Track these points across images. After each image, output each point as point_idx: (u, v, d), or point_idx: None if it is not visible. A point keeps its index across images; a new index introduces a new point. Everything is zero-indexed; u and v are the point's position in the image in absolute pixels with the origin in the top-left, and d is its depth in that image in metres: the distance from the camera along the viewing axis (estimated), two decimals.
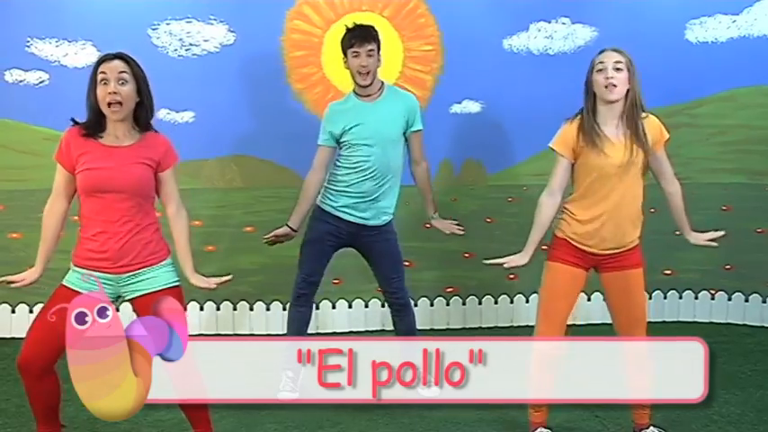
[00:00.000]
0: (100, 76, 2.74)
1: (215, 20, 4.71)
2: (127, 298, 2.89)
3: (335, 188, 3.77)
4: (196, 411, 3.05)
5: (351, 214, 3.75)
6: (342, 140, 3.72)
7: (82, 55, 4.63)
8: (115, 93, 2.73)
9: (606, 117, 3.05)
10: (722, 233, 3.27)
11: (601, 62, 3.03)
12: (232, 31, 4.72)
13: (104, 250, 2.79)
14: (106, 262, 2.80)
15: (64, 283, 2.85)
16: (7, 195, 4.75)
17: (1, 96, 4.65)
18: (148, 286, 2.85)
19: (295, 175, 4.73)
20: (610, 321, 3.28)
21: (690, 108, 5.01)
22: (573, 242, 3.11)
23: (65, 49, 4.64)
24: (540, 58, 4.92)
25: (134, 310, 2.90)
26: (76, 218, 2.90)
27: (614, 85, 2.98)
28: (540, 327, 3.15)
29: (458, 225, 3.96)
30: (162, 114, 4.61)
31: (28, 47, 4.63)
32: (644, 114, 3.06)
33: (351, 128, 3.68)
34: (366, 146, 3.68)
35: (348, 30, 3.72)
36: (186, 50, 4.72)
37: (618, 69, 2.99)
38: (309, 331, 3.97)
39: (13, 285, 2.95)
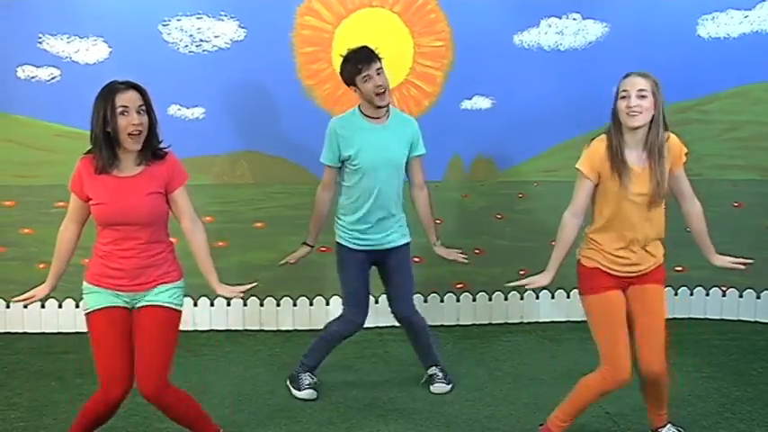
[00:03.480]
0: (120, 108, 2.73)
1: (225, 16, 4.71)
2: (136, 307, 2.93)
3: (347, 219, 3.74)
4: (191, 424, 3.07)
5: (368, 243, 3.73)
6: (350, 163, 3.66)
7: (93, 51, 4.65)
8: (139, 123, 2.75)
9: (630, 143, 3.00)
10: (751, 261, 3.19)
11: (624, 90, 2.96)
12: (243, 27, 4.72)
13: (122, 269, 2.84)
14: (123, 280, 2.86)
15: (90, 309, 2.89)
16: (19, 191, 4.78)
17: (13, 92, 4.66)
18: (154, 299, 2.89)
19: (305, 171, 4.75)
20: None
21: (701, 104, 4.99)
22: (605, 269, 3.08)
23: (76, 45, 4.65)
24: (551, 53, 4.90)
25: (132, 320, 2.92)
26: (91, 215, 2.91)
27: (638, 113, 2.92)
28: (615, 360, 3.00)
29: (462, 254, 3.90)
30: (173, 110, 4.63)
31: (40, 43, 4.64)
32: (666, 135, 3.01)
33: (363, 153, 3.63)
34: (375, 171, 3.64)
35: (346, 58, 3.62)
36: (197, 46, 4.72)
37: (642, 97, 2.93)
38: (316, 327, 3.98)
39: (27, 303, 3.05)
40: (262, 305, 4.99)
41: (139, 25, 4.64)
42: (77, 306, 4.68)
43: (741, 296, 5.15)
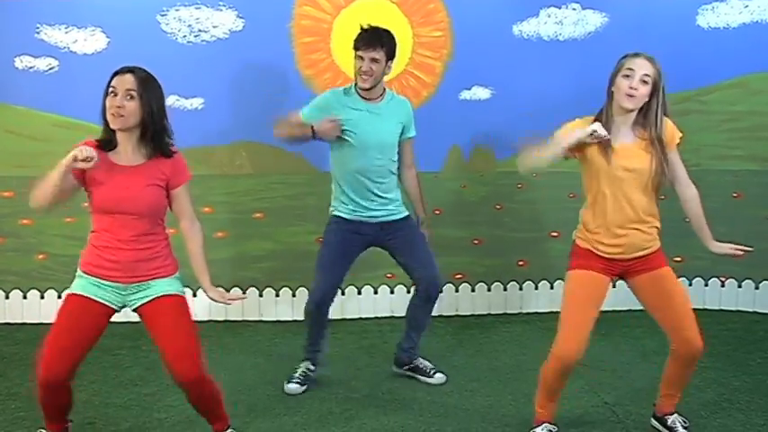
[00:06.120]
0: (110, 89, 2.75)
1: (224, 6, 4.70)
2: (132, 307, 2.91)
3: (341, 196, 3.76)
4: (211, 409, 3.06)
5: (363, 215, 3.73)
6: (340, 137, 3.68)
7: (91, 41, 4.64)
8: (119, 107, 2.72)
9: (620, 122, 2.99)
10: (750, 249, 3.15)
11: (630, 68, 2.92)
12: (241, 18, 4.71)
13: (116, 260, 2.82)
14: (117, 272, 2.83)
15: (72, 291, 2.86)
16: (17, 182, 4.76)
17: (11, 83, 4.66)
18: (152, 293, 2.87)
19: (304, 162, 4.74)
20: (635, 308, 3.21)
21: (701, 94, 4.98)
22: (596, 251, 3.06)
23: (74, 35, 4.64)
24: (551, 44, 4.90)
25: (141, 318, 2.92)
26: (86, 204, 2.90)
27: (634, 97, 2.90)
28: (565, 335, 3.02)
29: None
30: (171, 101, 4.61)
31: (38, 33, 4.63)
32: None
33: (353, 130, 3.63)
34: (365, 150, 3.65)
35: (362, 29, 3.66)
36: (195, 37, 4.71)
37: (644, 82, 2.90)
38: None
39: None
40: (261, 296, 4.99)
41: (138, 15, 4.63)
42: None
43: (740, 286, 5.16)
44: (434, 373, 3.94)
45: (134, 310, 2.92)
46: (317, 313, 3.81)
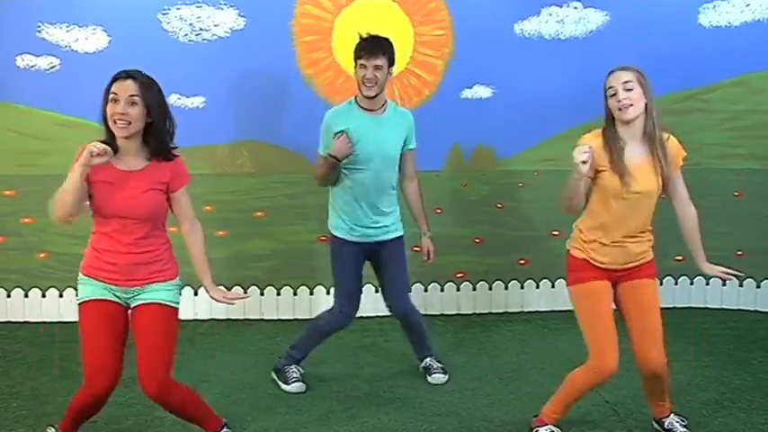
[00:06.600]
0: (111, 95, 2.74)
1: (225, 5, 4.70)
2: (131, 306, 2.92)
3: (341, 210, 3.73)
4: (191, 417, 3.09)
5: (362, 234, 3.71)
6: None
7: (92, 40, 4.64)
8: (123, 113, 2.72)
9: (627, 138, 2.98)
10: (741, 274, 3.18)
11: (610, 87, 2.95)
12: (242, 16, 4.71)
13: (115, 263, 2.82)
14: (117, 275, 2.83)
15: (85, 299, 2.85)
16: (19, 180, 4.77)
17: (12, 81, 4.65)
18: (148, 297, 2.87)
19: (305, 161, 4.73)
20: None
21: (702, 93, 4.97)
22: (591, 260, 3.07)
23: (75, 34, 4.64)
24: (552, 42, 4.89)
25: (130, 318, 2.92)
26: (87, 203, 2.90)
27: (629, 105, 2.91)
28: (600, 350, 3.02)
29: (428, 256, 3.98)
30: (173, 100, 4.61)
31: (39, 32, 4.63)
32: (665, 135, 3.00)
33: (357, 144, 3.60)
34: (368, 162, 3.63)
35: (361, 38, 3.65)
36: (196, 35, 4.71)
37: (628, 89, 2.91)
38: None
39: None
40: (262, 294, 5.00)
41: (139, 14, 4.62)
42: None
43: (741, 285, 5.15)
44: (434, 372, 3.94)
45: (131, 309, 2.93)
46: (329, 335, 3.86)
